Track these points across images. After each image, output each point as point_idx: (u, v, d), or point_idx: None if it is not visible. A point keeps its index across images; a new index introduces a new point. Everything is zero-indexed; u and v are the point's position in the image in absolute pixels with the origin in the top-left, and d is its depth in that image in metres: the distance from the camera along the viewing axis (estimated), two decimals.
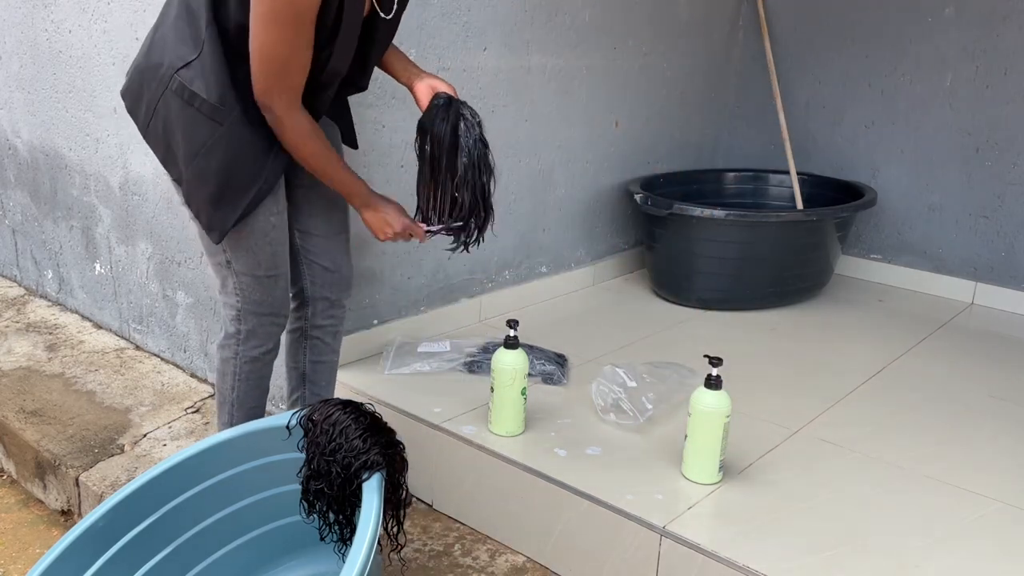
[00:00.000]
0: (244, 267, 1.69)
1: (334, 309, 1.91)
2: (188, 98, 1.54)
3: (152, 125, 1.61)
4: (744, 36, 3.50)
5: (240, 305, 1.73)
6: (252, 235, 1.66)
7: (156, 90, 1.57)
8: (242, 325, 1.75)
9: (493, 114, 2.54)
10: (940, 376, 2.41)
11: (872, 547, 1.60)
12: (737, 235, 2.81)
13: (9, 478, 2.35)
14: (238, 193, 1.60)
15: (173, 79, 1.55)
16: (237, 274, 1.70)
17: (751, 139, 3.57)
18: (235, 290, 1.71)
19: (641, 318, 2.80)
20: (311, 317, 1.89)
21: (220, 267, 1.71)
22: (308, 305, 1.88)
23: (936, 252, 3.19)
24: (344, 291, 1.90)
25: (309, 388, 1.96)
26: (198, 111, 1.55)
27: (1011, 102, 2.95)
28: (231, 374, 1.78)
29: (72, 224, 2.94)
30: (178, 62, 1.55)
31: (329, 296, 1.88)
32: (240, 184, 1.60)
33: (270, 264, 1.70)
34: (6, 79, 3.06)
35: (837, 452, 1.95)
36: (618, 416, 2.02)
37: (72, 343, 2.81)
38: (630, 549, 1.67)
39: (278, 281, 1.73)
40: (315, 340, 1.92)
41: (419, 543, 1.88)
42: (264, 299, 1.73)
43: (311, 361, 1.94)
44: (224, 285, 1.73)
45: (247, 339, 1.76)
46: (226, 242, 1.66)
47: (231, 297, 1.73)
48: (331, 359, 1.96)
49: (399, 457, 1.52)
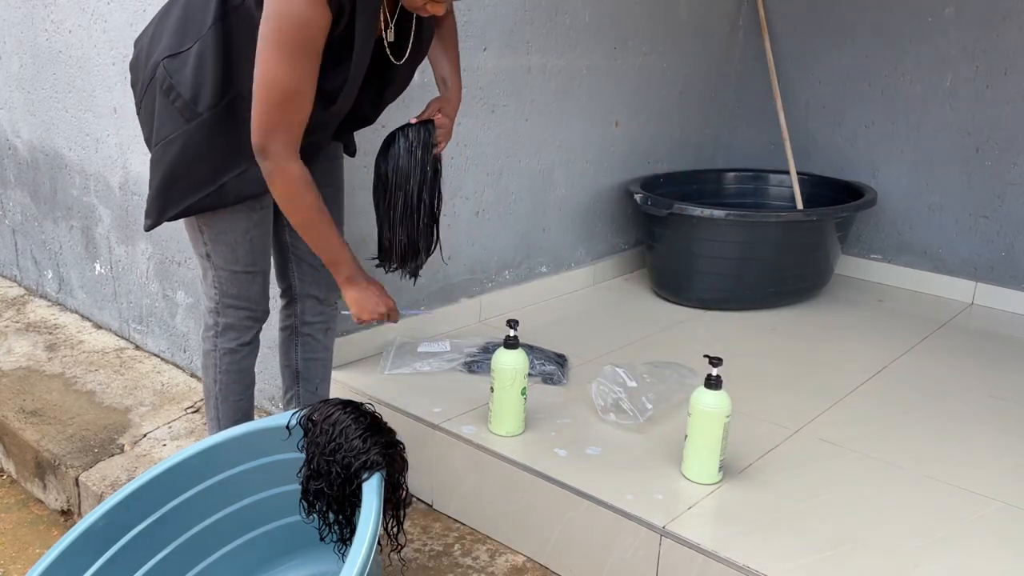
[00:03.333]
0: (222, 261, 1.70)
1: (322, 307, 1.91)
2: (166, 88, 1.56)
3: (143, 104, 1.64)
4: (744, 36, 3.50)
5: (218, 298, 1.74)
6: (232, 230, 1.66)
7: (146, 73, 1.60)
8: (220, 318, 1.76)
9: (493, 114, 2.54)
10: (940, 376, 2.41)
11: (872, 547, 1.60)
12: (737, 235, 2.81)
13: (9, 478, 2.35)
14: (181, 192, 1.61)
15: (159, 66, 1.56)
16: (216, 267, 1.71)
17: (751, 139, 3.57)
18: (213, 282, 1.73)
19: (641, 318, 2.80)
20: (300, 314, 1.90)
21: (201, 258, 1.73)
22: (297, 302, 1.89)
23: (936, 252, 3.19)
24: (332, 289, 1.88)
25: (303, 386, 1.96)
26: (171, 103, 1.56)
27: (1011, 102, 2.95)
28: (212, 367, 1.80)
29: (72, 224, 2.94)
30: (167, 51, 1.56)
31: (316, 294, 1.89)
32: (185, 185, 1.60)
33: (248, 260, 1.71)
34: (6, 79, 3.06)
35: (837, 452, 1.95)
36: (618, 416, 2.02)
37: (72, 343, 2.81)
38: (630, 549, 1.67)
39: (255, 277, 1.74)
40: (306, 337, 1.92)
41: (419, 543, 1.88)
42: (240, 293, 1.73)
43: (303, 358, 1.94)
44: (204, 276, 1.75)
45: (224, 331, 1.77)
46: (206, 234, 1.68)
47: (210, 289, 1.74)
48: (323, 356, 1.96)
49: (399, 457, 1.52)
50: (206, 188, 1.60)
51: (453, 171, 2.47)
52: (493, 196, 2.63)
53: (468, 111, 2.45)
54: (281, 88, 1.43)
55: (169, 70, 1.55)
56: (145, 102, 1.63)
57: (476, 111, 2.48)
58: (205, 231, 1.68)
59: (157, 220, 1.65)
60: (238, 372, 1.81)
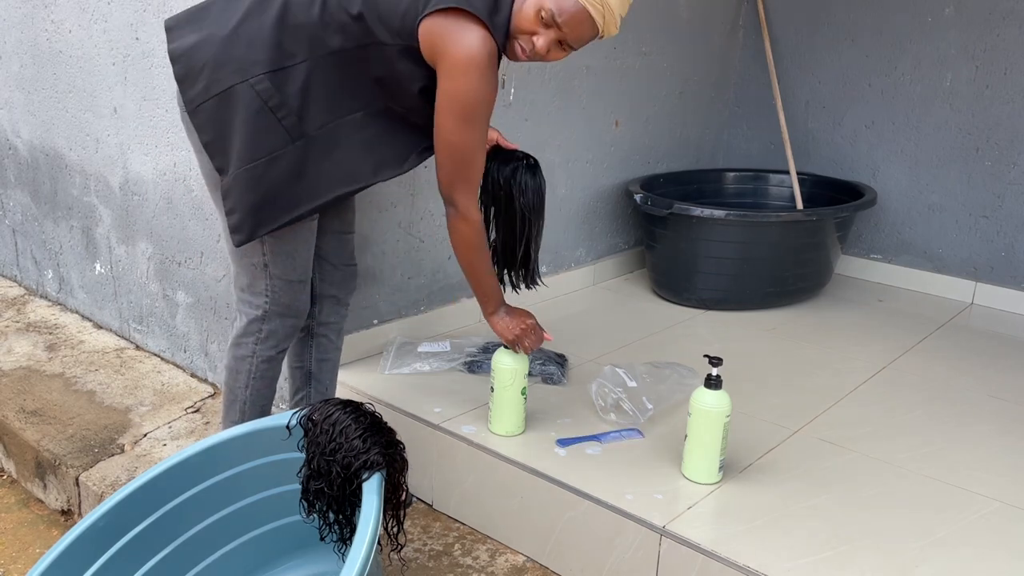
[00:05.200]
0: (281, 271, 1.69)
1: (339, 307, 1.92)
2: (271, 102, 1.53)
3: (206, 107, 1.57)
4: (744, 36, 3.50)
5: (268, 306, 1.73)
6: (295, 241, 1.67)
7: (228, 77, 1.54)
8: (265, 325, 1.75)
9: (493, 114, 2.54)
10: (940, 376, 2.41)
11: (872, 547, 1.60)
12: (737, 235, 2.81)
13: (9, 478, 2.35)
14: (281, 210, 1.60)
15: (259, 78, 1.53)
16: (271, 277, 1.69)
17: (751, 139, 3.57)
18: (265, 291, 1.71)
19: (641, 318, 2.80)
20: (318, 315, 1.90)
21: (254, 268, 1.70)
22: (315, 303, 1.88)
23: (936, 252, 3.19)
24: (351, 290, 1.92)
25: (314, 387, 1.96)
26: (277, 119, 1.54)
27: (1011, 102, 2.95)
28: (246, 372, 1.78)
29: (72, 224, 2.94)
30: (269, 64, 1.54)
31: (336, 294, 1.90)
32: (286, 204, 1.60)
33: (304, 269, 1.72)
34: (6, 79, 3.06)
35: (837, 452, 1.95)
36: (618, 416, 2.02)
37: (72, 343, 2.81)
38: (630, 549, 1.67)
39: (305, 286, 1.76)
40: (321, 338, 1.93)
41: (419, 543, 1.88)
42: (292, 302, 1.74)
43: (317, 359, 1.94)
44: (252, 285, 1.72)
45: (267, 338, 1.76)
46: (268, 245, 1.66)
47: (259, 298, 1.72)
48: (335, 356, 1.98)
49: (399, 457, 1.52)
50: (301, 206, 1.61)
51: None
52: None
53: None
54: (466, 151, 1.62)
55: (274, 84, 1.53)
56: (212, 105, 1.56)
57: None
58: (267, 241, 1.66)
59: (251, 236, 1.61)
60: (271, 378, 1.81)
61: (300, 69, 1.54)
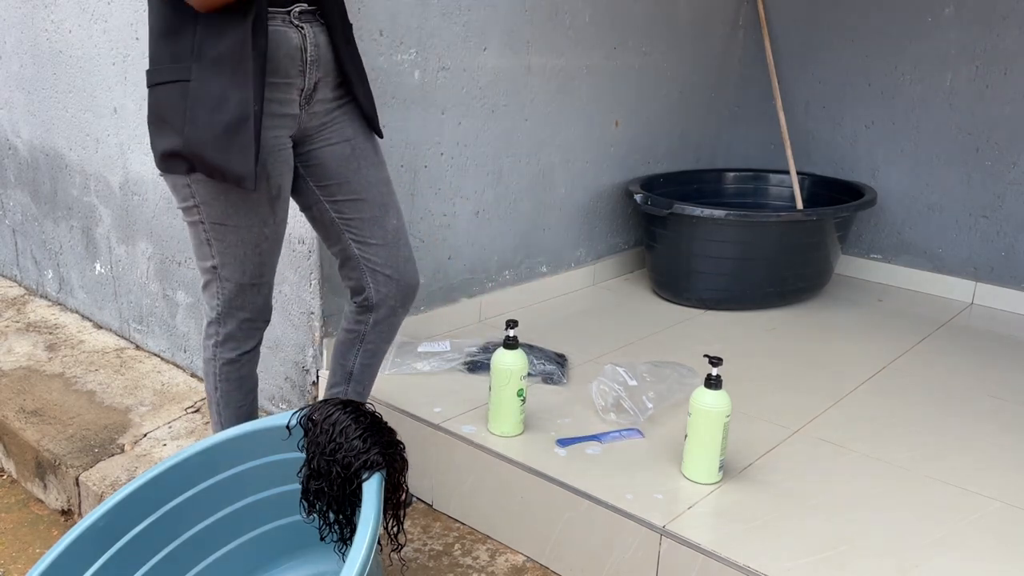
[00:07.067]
0: (230, 274, 1.68)
1: (395, 316, 1.86)
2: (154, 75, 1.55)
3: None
4: (744, 36, 3.50)
5: (221, 308, 1.72)
6: (242, 244, 1.65)
7: None
8: (221, 328, 1.74)
9: (493, 114, 2.54)
10: (940, 376, 2.41)
11: (872, 547, 1.60)
12: (737, 235, 2.81)
13: (9, 478, 2.35)
14: (240, 126, 1.49)
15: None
16: (222, 279, 1.69)
17: (751, 139, 3.57)
18: (217, 293, 1.71)
19: (641, 318, 2.80)
20: (372, 324, 1.85)
21: (206, 271, 1.71)
22: (372, 311, 1.84)
23: (936, 252, 3.19)
24: (409, 298, 1.84)
25: (352, 386, 1.93)
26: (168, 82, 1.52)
27: (1011, 102, 2.95)
28: (212, 375, 1.79)
29: (72, 224, 2.94)
30: None
31: (394, 304, 1.84)
32: (235, 117, 1.49)
33: (255, 273, 1.70)
34: (6, 79, 3.06)
35: (837, 452, 1.95)
36: (618, 415, 2.02)
37: (72, 343, 2.81)
38: (630, 549, 1.67)
39: (260, 289, 1.73)
40: (370, 345, 1.89)
41: (419, 543, 1.88)
42: (245, 305, 1.72)
43: (362, 364, 1.90)
44: (207, 286, 1.73)
45: (225, 341, 1.75)
46: (215, 248, 1.65)
47: (213, 299, 1.73)
48: (379, 361, 1.94)
49: (399, 457, 1.51)
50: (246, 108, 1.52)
51: (453, 171, 2.47)
52: (493, 196, 2.63)
53: (468, 111, 2.45)
54: None
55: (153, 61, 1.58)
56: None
57: (476, 111, 2.48)
58: (214, 244, 1.65)
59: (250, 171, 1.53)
60: (238, 380, 1.80)
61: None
